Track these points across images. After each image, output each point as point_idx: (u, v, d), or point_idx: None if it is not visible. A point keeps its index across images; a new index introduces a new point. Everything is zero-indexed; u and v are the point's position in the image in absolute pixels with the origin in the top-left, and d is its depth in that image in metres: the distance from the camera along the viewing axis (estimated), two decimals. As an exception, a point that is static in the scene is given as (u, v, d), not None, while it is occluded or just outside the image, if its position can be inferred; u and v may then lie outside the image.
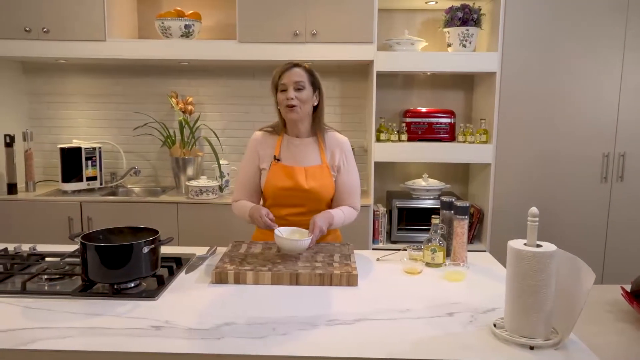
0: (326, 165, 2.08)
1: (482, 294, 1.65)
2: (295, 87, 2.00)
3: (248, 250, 1.96)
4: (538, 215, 1.33)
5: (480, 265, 1.95)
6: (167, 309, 1.50)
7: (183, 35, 3.29)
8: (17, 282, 1.69)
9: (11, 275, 1.75)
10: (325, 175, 2.07)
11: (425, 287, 1.71)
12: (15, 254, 1.97)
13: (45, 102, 3.70)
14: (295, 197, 2.05)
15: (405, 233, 3.35)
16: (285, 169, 2.06)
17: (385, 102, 3.58)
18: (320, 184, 2.05)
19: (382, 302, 1.57)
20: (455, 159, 3.31)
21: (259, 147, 2.11)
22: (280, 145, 2.10)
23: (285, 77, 2.01)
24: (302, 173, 2.05)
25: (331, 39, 3.15)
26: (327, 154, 2.09)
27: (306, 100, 2.02)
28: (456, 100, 3.64)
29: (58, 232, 3.20)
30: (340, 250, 1.99)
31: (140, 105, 3.67)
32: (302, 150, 2.09)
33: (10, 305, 1.51)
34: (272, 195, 2.08)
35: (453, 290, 1.69)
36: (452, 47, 3.29)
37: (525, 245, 1.33)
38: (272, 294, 1.62)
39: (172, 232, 3.17)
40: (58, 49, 3.20)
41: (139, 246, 1.60)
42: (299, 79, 2.00)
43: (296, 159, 2.08)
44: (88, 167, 3.45)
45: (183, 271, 1.83)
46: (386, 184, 3.70)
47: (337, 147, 2.10)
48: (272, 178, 2.06)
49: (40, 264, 1.85)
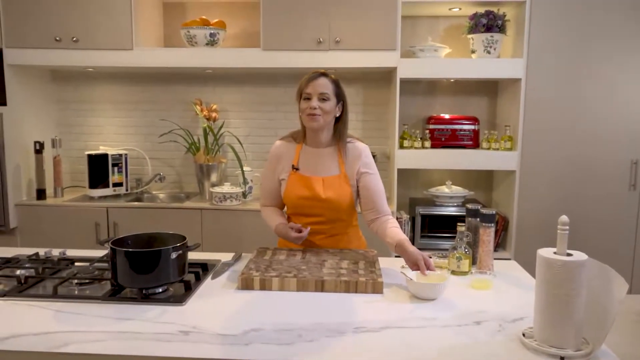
0: (344, 175, 2.07)
1: (510, 303, 1.63)
2: (320, 98, 2.00)
3: (273, 257, 1.97)
4: (568, 224, 1.31)
5: (507, 274, 1.93)
6: (195, 314, 1.52)
7: (208, 43, 3.33)
8: (49, 287, 1.73)
9: (42, 280, 1.79)
10: (343, 184, 2.07)
11: (452, 295, 1.70)
12: (46, 259, 2.02)
13: (73, 110, 3.78)
14: (314, 207, 2.06)
15: (429, 240, 3.33)
16: (302, 179, 2.07)
17: (408, 108, 3.57)
18: (337, 193, 2.05)
19: (408, 310, 1.57)
20: (479, 166, 3.28)
21: (278, 158, 2.13)
22: (299, 155, 2.11)
23: (311, 86, 2.01)
24: (320, 183, 2.05)
25: (354, 46, 3.16)
26: (347, 163, 2.08)
27: (329, 111, 2.02)
28: (480, 106, 3.62)
29: (85, 237, 3.26)
30: (365, 257, 1.99)
31: (165, 113, 3.73)
32: (321, 160, 2.09)
33: (43, 309, 1.54)
34: (291, 204, 2.10)
35: (480, 298, 1.67)
36: (476, 54, 3.28)
37: (555, 253, 1.31)
38: (297, 301, 1.63)
39: (196, 238, 3.21)
40: (87, 57, 3.27)
41: (167, 252, 1.62)
42: (323, 90, 2.00)
43: (314, 169, 2.08)
44: (114, 173, 3.52)
45: (209, 277, 1.85)
46: (409, 190, 3.69)
47: (357, 156, 2.09)
48: (290, 188, 2.08)
49: (71, 268, 1.89)
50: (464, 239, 1.91)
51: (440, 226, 3.33)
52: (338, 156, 2.09)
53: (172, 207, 3.32)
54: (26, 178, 3.45)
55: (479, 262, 1.93)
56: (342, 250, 2.06)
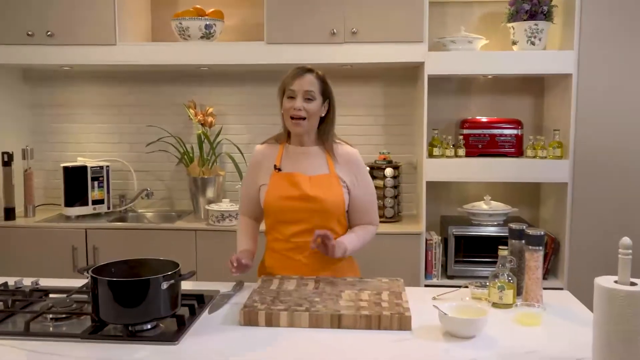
0: (335, 175, 2.16)
1: (564, 341, 1.62)
2: (305, 97, 2.11)
3: (280, 287, 1.97)
4: (631, 247, 1.30)
5: (559, 306, 1.92)
6: (190, 355, 1.52)
7: (203, 36, 3.37)
8: (20, 322, 1.74)
9: (12, 314, 1.81)
10: (334, 184, 2.14)
11: (493, 332, 1.68)
12: (16, 289, 2.03)
13: (47, 115, 3.83)
14: (299, 210, 2.12)
15: (464, 266, 3.32)
16: (286, 177, 2.16)
17: (438, 111, 3.57)
18: (326, 193, 2.11)
19: (441, 349, 1.56)
20: (524, 178, 3.27)
21: (259, 164, 2.24)
22: (281, 155, 2.21)
23: (296, 83, 2.12)
24: (306, 181, 2.13)
25: (374, 39, 3.18)
26: (336, 165, 2.17)
27: (314, 112, 2.13)
28: (523, 107, 3.61)
29: (61, 264, 3.28)
30: (389, 286, 1.98)
31: (153, 118, 3.77)
32: (307, 159, 2.18)
33: (13, 349, 1.56)
34: (273, 210, 2.16)
35: (527, 336, 1.66)
36: (517, 45, 3.28)
37: (616, 282, 1.30)
38: (310, 339, 1.62)
39: (189, 264, 3.22)
40: (63, 54, 3.32)
41: (157, 282, 1.63)
42: (309, 88, 2.12)
43: (300, 167, 2.18)
44: (94, 188, 3.55)
45: (206, 311, 1.85)
46: (440, 207, 3.68)
47: (349, 160, 2.19)
48: (271, 190, 2.16)
49: (45, 301, 1.90)
50: (506, 265, 1.90)
51: (478, 250, 3.31)
52: (326, 156, 2.18)
53: (161, 228, 3.33)
54: (-7, 195, 3.49)
55: (525, 292, 1.91)
56: (362, 279, 2.06)
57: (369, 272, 2.85)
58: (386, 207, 3.39)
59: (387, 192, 3.38)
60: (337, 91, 3.64)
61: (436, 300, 1.92)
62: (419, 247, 3.23)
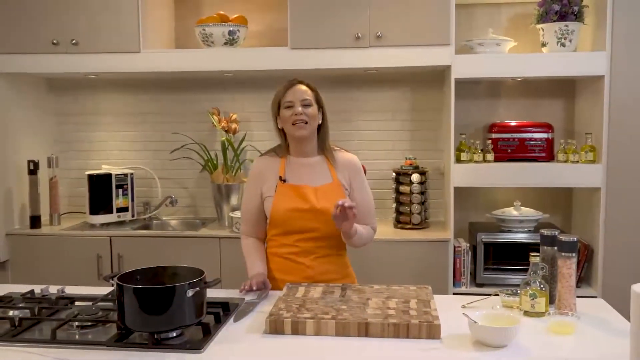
0: (338, 184, 2.25)
1: (599, 351, 1.60)
2: (303, 104, 2.21)
3: (306, 295, 1.98)
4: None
5: (593, 315, 1.89)
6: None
7: (227, 42, 3.40)
8: (46, 330, 1.77)
9: (39, 322, 1.84)
10: (338, 193, 2.22)
11: (525, 341, 1.67)
12: (42, 297, 2.07)
13: (72, 124, 3.90)
14: (307, 220, 2.19)
15: (494, 274, 3.29)
16: (292, 189, 2.22)
17: (466, 115, 3.55)
18: (332, 203, 2.14)
19: (470, 359, 1.54)
20: (555, 183, 3.24)
21: (261, 175, 2.29)
22: (284, 167, 2.27)
23: (290, 93, 2.23)
24: (312, 192, 2.21)
25: (399, 42, 3.18)
26: (338, 172, 2.27)
27: (314, 116, 2.23)
28: (554, 111, 3.57)
29: (86, 271, 3.33)
30: (417, 294, 1.97)
31: (177, 125, 3.81)
32: (310, 170, 2.27)
33: (40, 357, 1.58)
34: (280, 220, 2.22)
35: (560, 346, 1.64)
36: (547, 47, 3.25)
37: (654, 290, 1.28)
38: (337, 348, 1.62)
39: (214, 271, 3.24)
40: (87, 62, 3.38)
41: (182, 289, 1.65)
42: (305, 97, 2.22)
43: (304, 179, 2.24)
44: (119, 196, 3.60)
45: (231, 319, 1.86)
46: (468, 214, 3.65)
47: (347, 166, 2.30)
48: (279, 201, 2.21)
49: (71, 308, 1.94)
50: (538, 272, 1.89)
51: (508, 257, 3.28)
52: (328, 164, 2.27)
53: (185, 235, 3.37)
54: (18, 203, 3.56)
55: (558, 300, 1.90)
56: (390, 287, 2.06)
57: (395, 279, 2.85)
58: (413, 213, 3.38)
59: (414, 198, 3.37)
60: (362, 96, 3.70)
61: (466, 309, 1.91)
62: (447, 254, 3.21)
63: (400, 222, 3.45)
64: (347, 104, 3.68)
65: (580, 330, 1.75)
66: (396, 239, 3.25)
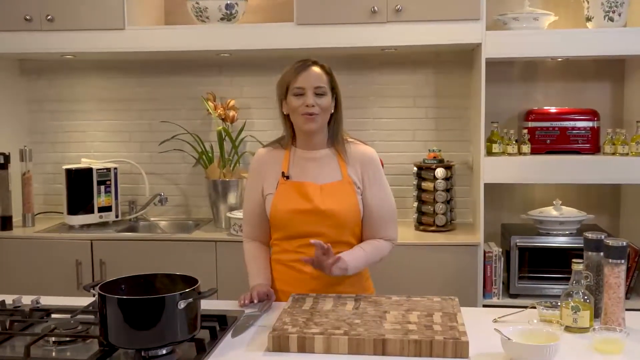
0: (348, 181, 2.21)
1: (651, 373, 1.59)
2: (315, 92, 2.16)
3: (315, 307, 1.98)
4: None
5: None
6: (211, 385, 1.53)
7: (223, 18, 3.40)
8: (19, 347, 1.77)
9: (11, 337, 1.84)
10: (348, 193, 2.20)
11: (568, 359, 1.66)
12: (14, 309, 2.07)
13: (47, 111, 3.92)
14: (310, 223, 2.17)
15: (530, 283, 3.28)
16: (295, 187, 2.21)
17: (498, 101, 3.54)
18: (340, 204, 2.15)
19: (504, 381, 1.54)
20: (601, 179, 3.23)
21: (262, 170, 2.28)
22: (288, 161, 2.25)
23: (303, 78, 2.17)
24: (317, 191, 2.19)
25: (422, 17, 3.17)
26: (350, 167, 2.23)
27: (327, 108, 2.19)
28: (600, 95, 3.56)
29: (64, 280, 3.35)
30: (442, 307, 1.97)
31: (167, 113, 3.82)
32: (317, 165, 2.24)
33: (12, 376, 1.59)
34: (280, 223, 2.21)
35: (607, 366, 1.63)
36: (593, 22, 3.24)
37: None
38: (350, 368, 1.62)
39: (209, 280, 3.24)
40: (65, 41, 3.39)
41: (173, 300, 1.65)
42: (319, 84, 2.17)
43: (309, 175, 2.22)
44: (100, 194, 3.61)
45: (229, 334, 1.86)
46: (501, 214, 3.64)
47: (360, 158, 2.26)
48: (280, 201, 2.20)
49: (47, 322, 1.94)
50: (582, 281, 1.88)
51: (546, 264, 3.28)
52: (338, 159, 2.24)
53: (177, 238, 3.38)
54: (-13, 202, 3.58)
55: (604, 314, 1.89)
56: (410, 298, 2.05)
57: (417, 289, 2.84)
58: (437, 214, 3.37)
59: (438, 196, 3.36)
60: (379, 80, 3.69)
61: (498, 323, 1.91)
62: (476, 260, 3.20)
63: (422, 223, 3.45)
64: (361, 88, 3.68)
65: (629, 349, 1.74)
66: (417, 243, 3.25)
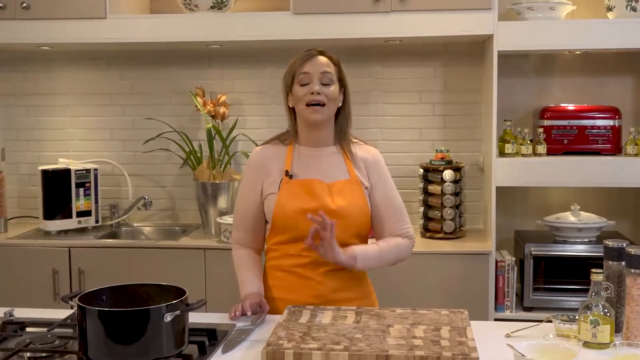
0: (356, 181, 2.24)
1: (676, 392, 1.59)
2: (322, 80, 2.18)
3: (312, 320, 1.97)
4: None
5: (670, 347, 1.88)
6: (200, 404, 1.54)
7: (214, 6, 3.40)
8: (-9, 362, 1.78)
9: (-18, 352, 1.85)
10: (356, 192, 2.22)
11: (585, 379, 1.67)
12: (-15, 322, 2.08)
13: (22, 106, 3.91)
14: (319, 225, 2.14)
15: (546, 295, 3.29)
16: (301, 186, 2.21)
17: (511, 97, 3.55)
18: (351, 202, 2.16)
19: (518, 401, 1.55)
20: (622, 182, 3.24)
21: (261, 168, 2.28)
22: (291, 158, 2.26)
23: (309, 65, 2.20)
24: (325, 189, 2.20)
25: (428, 6, 3.17)
26: (356, 168, 2.27)
27: (334, 97, 2.21)
28: (622, 91, 3.57)
29: (39, 290, 3.34)
30: (450, 320, 1.97)
31: (152, 108, 3.82)
32: (322, 162, 2.26)
33: (-17, 395, 1.59)
34: (286, 224, 2.20)
35: (629, 385, 1.64)
36: (614, 12, 3.24)
37: None
38: (350, 386, 1.62)
39: (197, 290, 3.24)
40: (41, 30, 3.38)
41: (158, 312, 1.65)
42: (326, 69, 2.20)
43: (315, 173, 2.23)
44: (79, 197, 3.60)
45: (219, 349, 1.86)
46: (515, 219, 3.64)
47: (365, 159, 2.30)
48: (284, 200, 2.20)
49: (21, 336, 1.93)
50: (602, 293, 1.88)
51: (564, 274, 3.28)
52: (344, 157, 2.26)
53: (162, 246, 3.37)
54: (-44, 205, 3.58)
55: (626, 328, 1.89)
56: (416, 311, 2.06)
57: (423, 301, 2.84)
58: (445, 219, 3.38)
59: (446, 200, 3.37)
60: (383, 73, 3.69)
61: (510, 338, 1.91)
62: (487, 270, 3.21)
63: (429, 230, 3.46)
64: (363, 82, 3.68)
65: (653, 366, 1.75)
66: (424, 251, 3.24)
